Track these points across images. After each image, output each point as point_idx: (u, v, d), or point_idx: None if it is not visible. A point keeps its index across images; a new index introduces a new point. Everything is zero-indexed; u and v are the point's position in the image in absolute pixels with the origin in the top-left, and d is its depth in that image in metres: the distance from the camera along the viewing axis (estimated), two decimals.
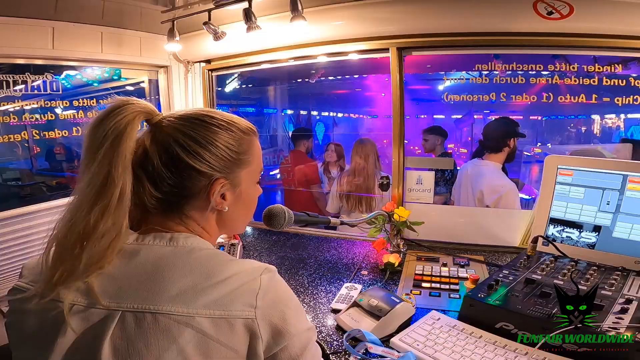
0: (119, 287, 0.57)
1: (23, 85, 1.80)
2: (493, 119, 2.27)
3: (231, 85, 3.46)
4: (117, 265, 0.59)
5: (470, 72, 1.87)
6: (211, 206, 0.67)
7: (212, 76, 2.40)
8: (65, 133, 2.01)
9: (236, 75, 3.21)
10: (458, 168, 2.43)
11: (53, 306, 0.57)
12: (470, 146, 3.36)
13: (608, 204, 1.27)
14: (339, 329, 1.13)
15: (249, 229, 2.16)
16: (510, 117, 2.21)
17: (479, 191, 2.05)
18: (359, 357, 0.97)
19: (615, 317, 0.92)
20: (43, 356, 0.55)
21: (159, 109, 2.47)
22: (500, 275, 1.19)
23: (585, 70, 1.69)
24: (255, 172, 0.73)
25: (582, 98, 1.70)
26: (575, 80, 1.70)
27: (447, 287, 1.35)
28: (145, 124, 0.65)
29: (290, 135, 3.43)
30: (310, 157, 3.30)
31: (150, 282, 0.57)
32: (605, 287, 1.07)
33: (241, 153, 0.68)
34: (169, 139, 0.62)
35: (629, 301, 0.98)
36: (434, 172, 1.88)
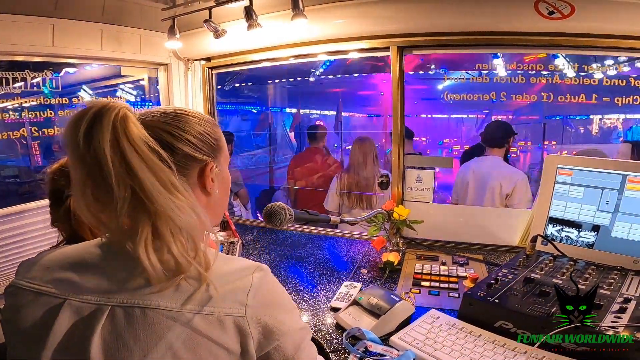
0: (110, 281, 0.58)
1: (22, 83, 1.80)
2: (494, 119, 2.37)
3: (231, 83, 3.46)
4: (109, 261, 0.60)
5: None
6: (205, 191, 0.68)
7: (212, 74, 2.40)
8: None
9: (236, 73, 3.20)
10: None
11: (47, 301, 0.58)
12: None
13: (607, 203, 1.27)
14: (339, 327, 1.13)
15: (248, 227, 2.16)
16: (510, 116, 2.31)
17: (498, 183, 2.16)
18: (359, 356, 0.97)
19: (614, 316, 0.92)
20: (36, 350, 0.56)
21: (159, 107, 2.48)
22: (500, 274, 1.19)
23: (586, 70, 1.69)
24: (227, 156, 0.76)
25: (582, 98, 1.70)
26: (575, 80, 1.71)
27: (446, 285, 1.36)
28: None
29: (306, 132, 3.41)
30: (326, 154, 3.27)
31: (140, 278, 0.57)
32: (604, 286, 1.07)
33: (217, 139, 0.70)
34: (158, 130, 0.62)
35: (627, 300, 0.99)
36: (433, 170, 1.89)
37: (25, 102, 1.84)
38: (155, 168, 0.57)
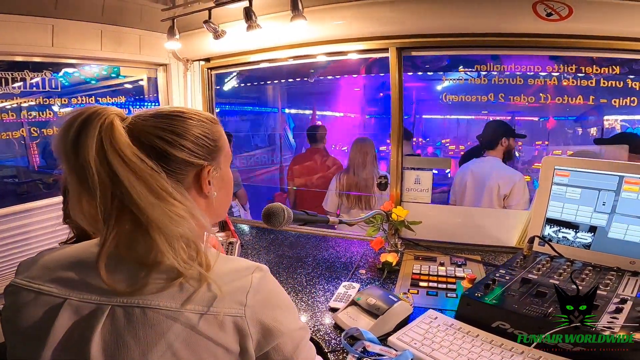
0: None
1: (22, 83, 1.80)
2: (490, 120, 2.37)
3: (230, 84, 3.45)
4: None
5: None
6: (203, 194, 0.68)
7: (211, 75, 2.40)
8: None
9: (235, 73, 3.20)
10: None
11: (47, 301, 0.58)
12: None
13: (604, 204, 1.28)
14: (337, 327, 1.14)
15: (246, 227, 2.16)
16: (508, 117, 2.30)
17: (496, 184, 2.15)
18: (357, 356, 0.97)
19: (610, 317, 0.93)
20: (36, 350, 0.56)
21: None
22: (497, 275, 1.19)
23: (583, 71, 1.70)
24: (228, 155, 0.74)
25: (580, 99, 1.71)
26: (573, 82, 1.71)
27: (444, 286, 1.36)
28: None
29: (306, 133, 3.41)
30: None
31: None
32: (601, 287, 1.08)
33: (215, 140, 0.69)
34: (152, 137, 0.61)
35: (623, 301, 0.99)
36: (432, 172, 1.90)
37: (24, 102, 1.84)
38: (146, 177, 0.56)
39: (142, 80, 2.39)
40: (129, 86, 2.35)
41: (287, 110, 5.08)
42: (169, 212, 0.57)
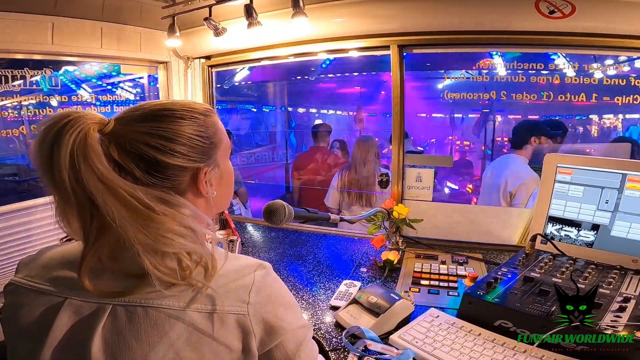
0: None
1: (22, 81, 1.79)
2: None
3: (230, 82, 3.45)
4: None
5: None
6: (202, 195, 0.65)
7: (211, 72, 2.39)
8: None
9: (236, 71, 3.19)
10: None
11: (47, 300, 0.58)
12: None
13: (607, 202, 1.27)
14: (338, 326, 1.13)
15: (247, 226, 2.16)
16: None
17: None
18: (358, 354, 0.97)
19: (614, 316, 0.92)
20: (36, 349, 0.56)
21: None
22: (499, 273, 1.19)
23: (586, 69, 1.68)
24: (227, 148, 0.70)
25: (582, 97, 1.70)
26: (575, 80, 1.70)
27: (445, 284, 1.36)
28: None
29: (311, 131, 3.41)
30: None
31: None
32: (604, 285, 1.07)
33: (210, 137, 0.65)
34: (139, 144, 0.57)
35: (626, 299, 0.99)
36: (433, 169, 1.89)
37: (25, 100, 1.84)
38: (125, 196, 0.53)
39: (142, 78, 2.38)
40: (129, 84, 2.34)
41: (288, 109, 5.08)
42: (155, 233, 0.53)
